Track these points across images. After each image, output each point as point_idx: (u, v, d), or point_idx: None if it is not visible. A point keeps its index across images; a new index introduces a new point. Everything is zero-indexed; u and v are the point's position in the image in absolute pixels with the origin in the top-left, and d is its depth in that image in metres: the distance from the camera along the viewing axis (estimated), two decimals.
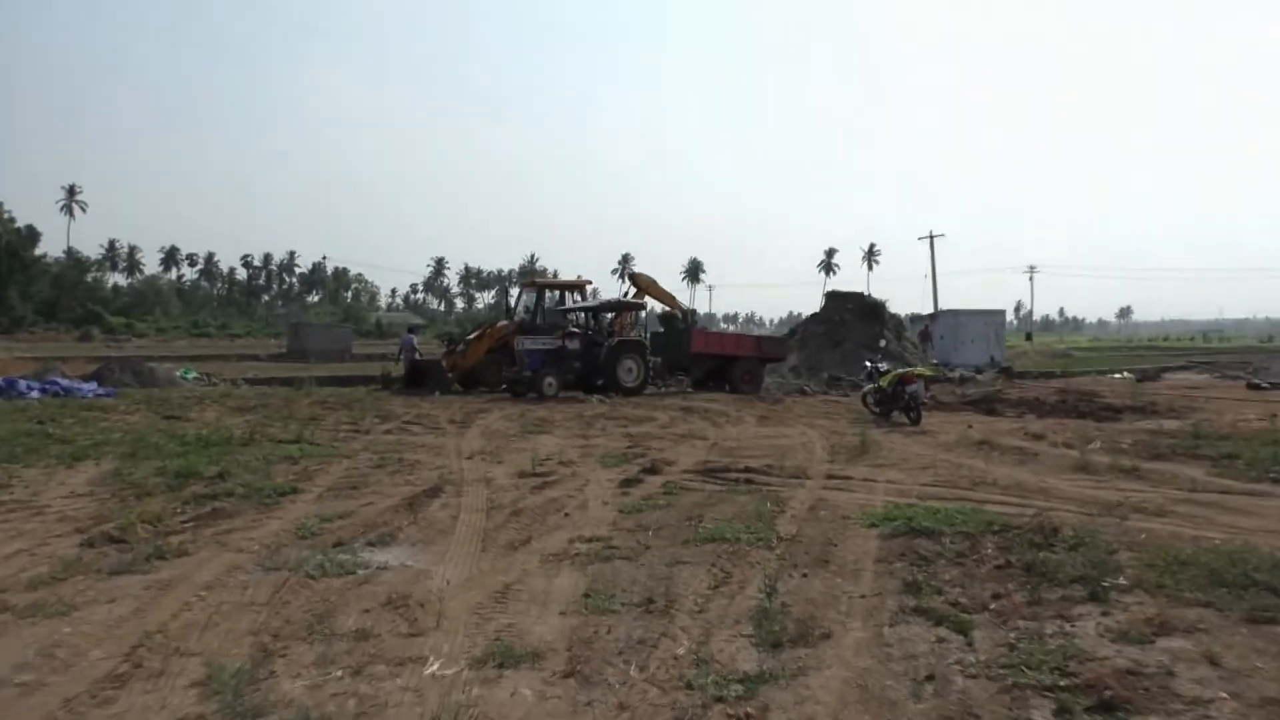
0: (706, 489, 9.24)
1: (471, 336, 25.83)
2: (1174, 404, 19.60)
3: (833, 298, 33.36)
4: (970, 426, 15.29)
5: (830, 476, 9.93)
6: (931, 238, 57.80)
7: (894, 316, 33.57)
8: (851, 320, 31.83)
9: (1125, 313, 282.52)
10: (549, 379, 22.33)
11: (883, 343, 27.63)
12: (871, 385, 17.32)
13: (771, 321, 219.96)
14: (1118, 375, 32.47)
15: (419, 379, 25.15)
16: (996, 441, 12.70)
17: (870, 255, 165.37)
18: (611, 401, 21.00)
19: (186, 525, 7.60)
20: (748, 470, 10.29)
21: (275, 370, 41.01)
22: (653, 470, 10.47)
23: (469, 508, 8.40)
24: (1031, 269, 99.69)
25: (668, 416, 17.27)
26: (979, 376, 31.28)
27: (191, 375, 31.79)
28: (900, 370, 16.66)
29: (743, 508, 8.15)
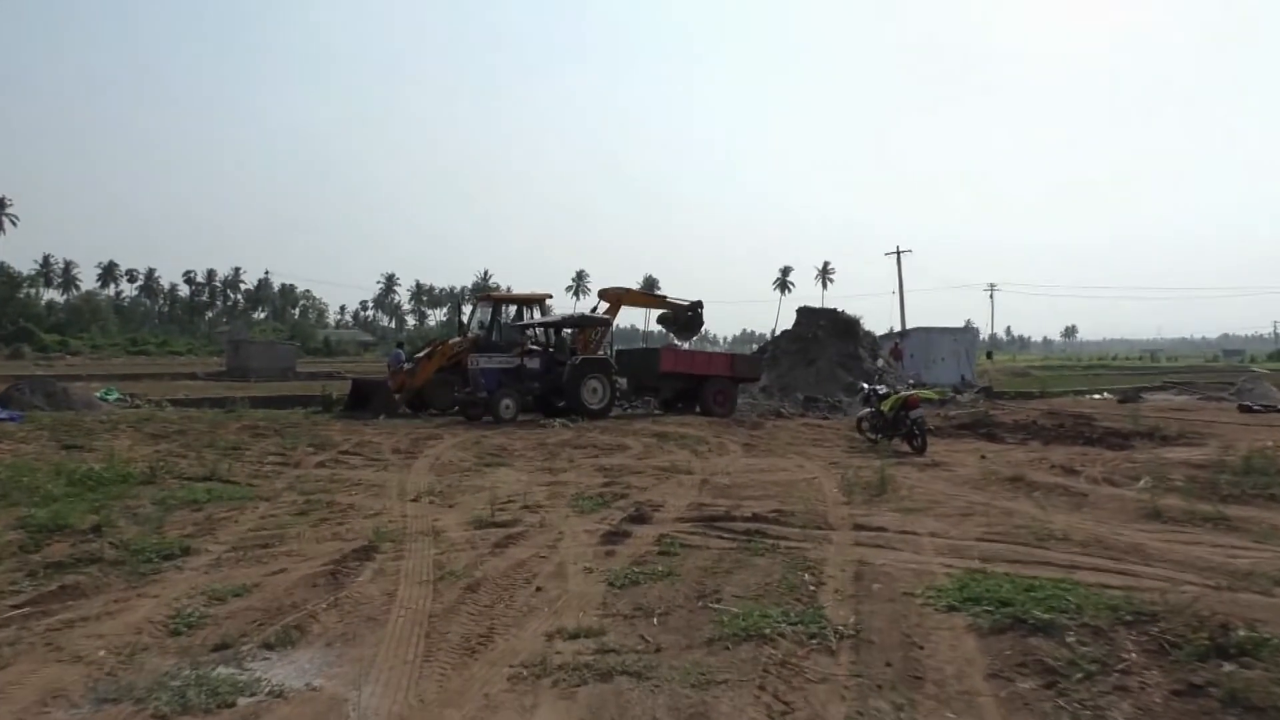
0: (712, 546, 7.37)
1: (421, 354, 23.74)
2: (1180, 429, 18.14)
3: (804, 314, 31.73)
4: (984, 457, 13.63)
5: (858, 527, 8.11)
6: (899, 253, 56.77)
7: (868, 334, 32.04)
8: (825, 338, 30.22)
9: (1070, 332, 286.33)
10: (506, 401, 20.36)
11: (880, 363, 25.99)
12: (868, 410, 15.62)
13: (726, 339, 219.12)
14: (1097, 396, 31.26)
15: (363, 401, 23.04)
16: (1029, 477, 11.00)
17: (825, 273, 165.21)
18: (576, 426, 19.08)
19: (18, 612, 5.56)
20: (755, 518, 8.44)
21: (210, 390, 38.48)
22: (639, 518, 8.59)
23: (411, 577, 6.45)
24: (991, 287, 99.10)
25: (641, 444, 15.39)
26: (959, 397, 29.84)
27: (113, 396, 29.32)
28: (903, 393, 14.99)
29: (767, 576, 6.30)
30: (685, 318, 25.26)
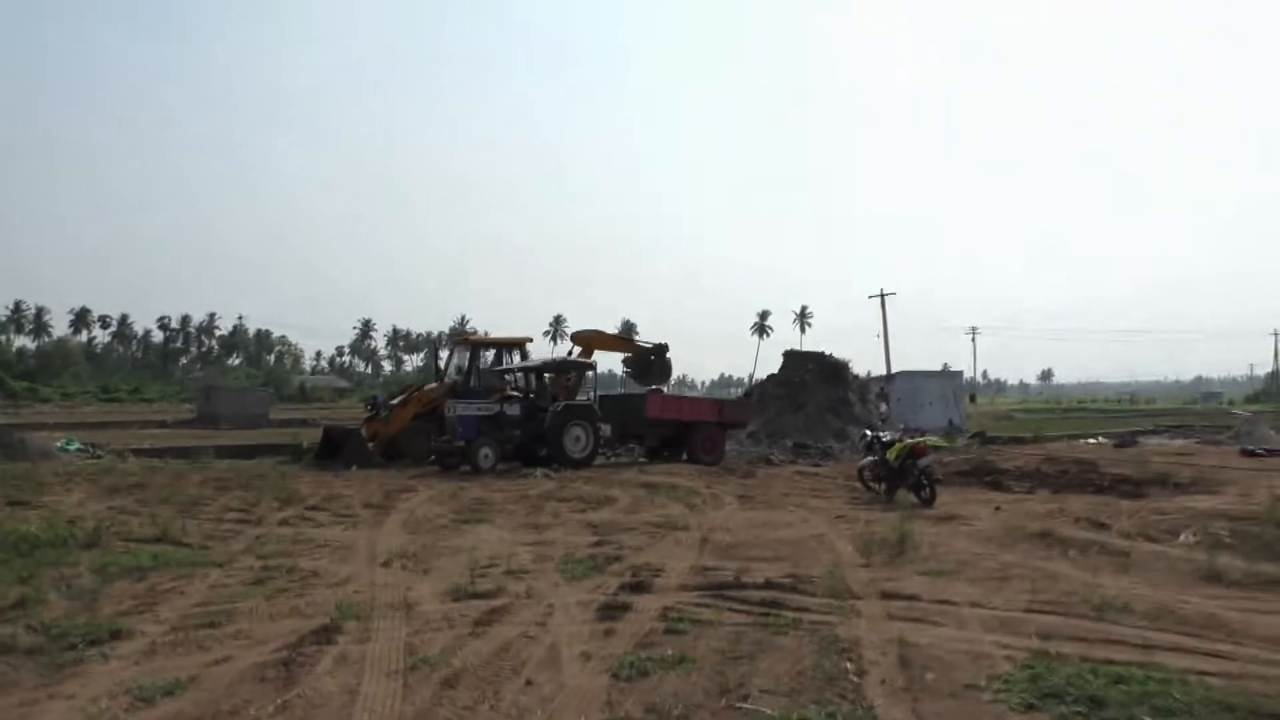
0: (725, 621, 6.44)
1: (395, 401, 22.72)
2: (1192, 476, 17.36)
3: (792, 358, 30.98)
4: (999, 509, 12.76)
5: (886, 595, 7.20)
6: (883, 296, 56.21)
7: (857, 378, 31.31)
8: (813, 382, 29.44)
9: (1047, 375, 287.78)
10: (485, 449, 19.35)
11: (884, 408, 25.13)
12: (871, 458, 14.76)
13: (703, 384, 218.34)
14: (1092, 441, 30.57)
15: (334, 449, 21.94)
16: (1057, 532, 10.14)
17: (803, 317, 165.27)
18: (559, 475, 18.09)
19: None
20: (769, 585, 7.52)
21: (179, 439, 37.14)
22: (638, 585, 7.65)
23: (377, 666, 5.47)
24: (973, 330, 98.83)
25: (630, 497, 14.43)
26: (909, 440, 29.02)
27: (74, 446, 28.00)
28: (910, 441, 14.15)
29: (798, 662, 5.37)
30: (650, 361, 24.07)
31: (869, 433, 15.09)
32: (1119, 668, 4.94)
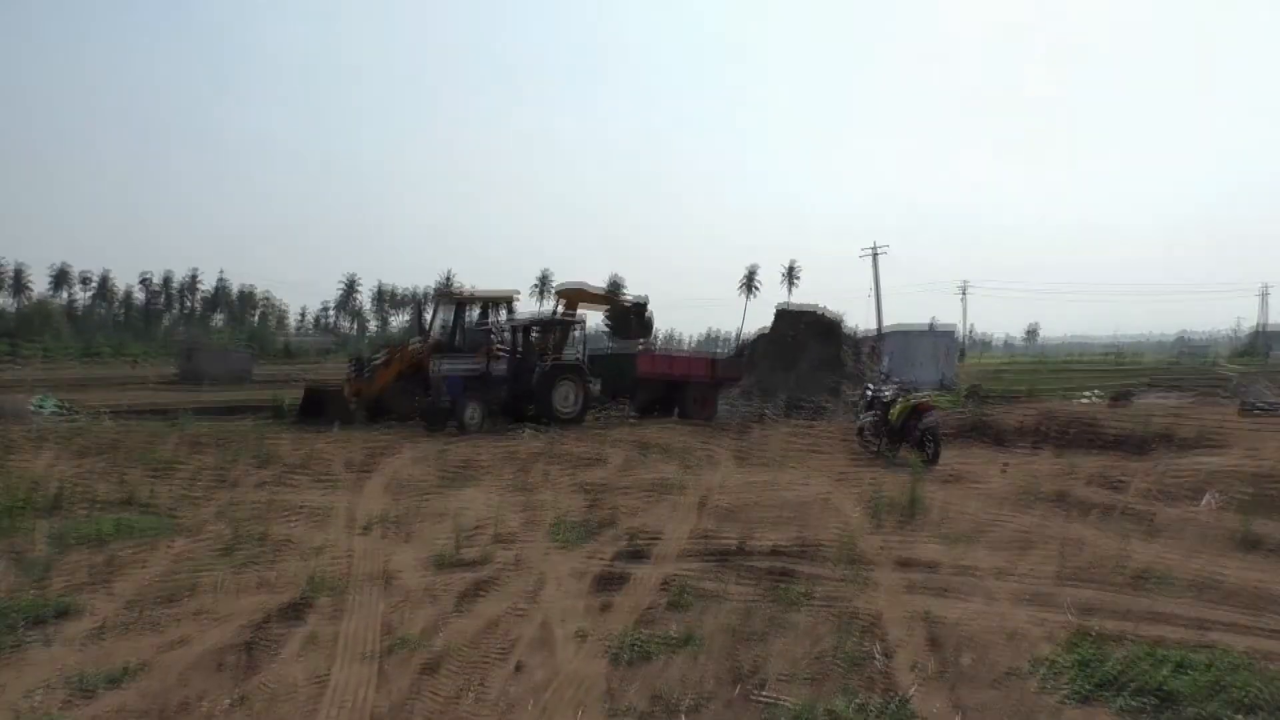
0: (732, 593, 5.92)
1: (379, 359, 22.05)
2: (1196, 433, 16.96)
3: (784, 315, 30.41)
4: (1006, 468, 12.29)
5: (902, 563, 6.69)
6: (875, 252, 55.53)
7: (849, 335, 30.79)
8: (806, 339, 28.92)
9: (1032, 332, 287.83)
10: (471, 408, 18.78)
11: (886, 363, 24.44)
12: (871, 415, 14.25)
13: (691, 339, 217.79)
14: (1086, 397, 30.21)
15: (316, 409, 21.31)
16: (1073, 494, 9.66)
17: (790, 275, 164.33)
18: (547, 434, 17.55)
19: None
20: (776, 552, 7.00)
21: (159, 398, 36.38)
22: (636, 553, 7.13)
23: (350, 649, 4.94)
24: (964, 285, 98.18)
25: (622, 456, 13.90)
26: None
27: (49, 406, 27.31)
28: (914, 398, 13.62)
29: (816, 641, 4.87)
30: (630, 317, 23.44)
31: (870, 389, 14.55)
32: (1175, 650, 4.44)
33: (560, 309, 23.20)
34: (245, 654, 4.90)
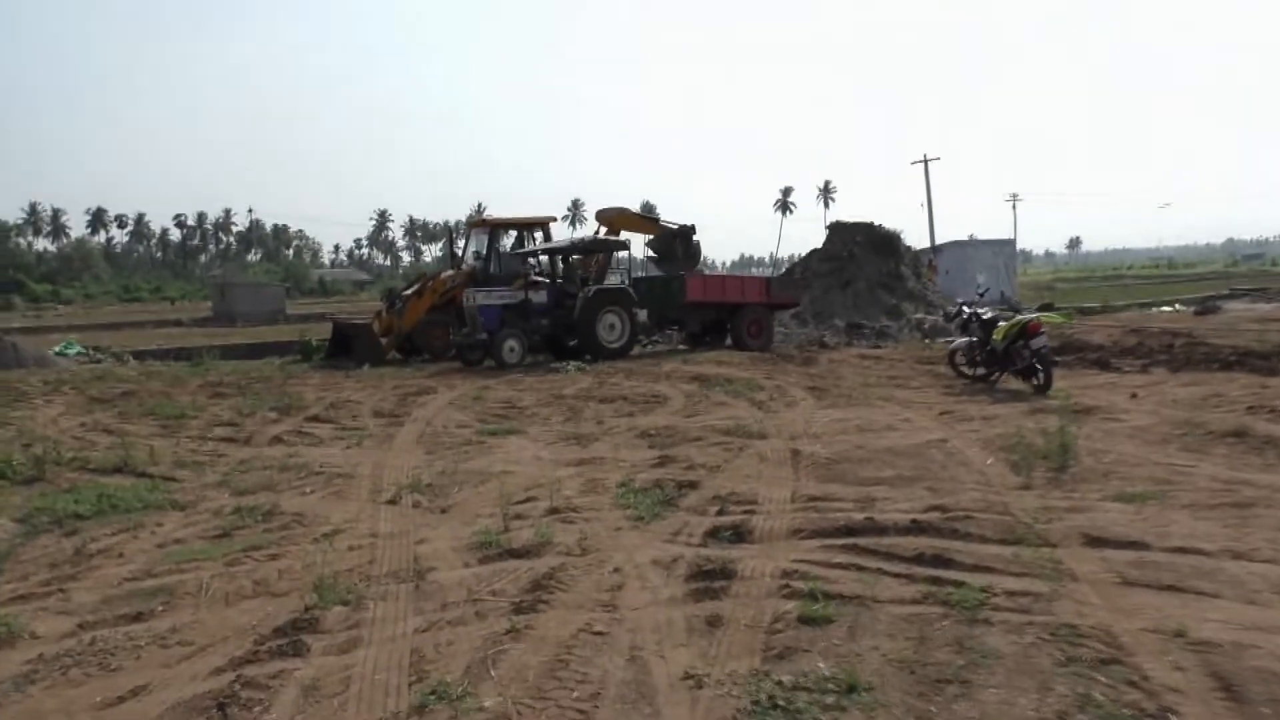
0: (881, 597, 4.36)
1: (409, 291, 20.54)
2: None
3: (837, 230, 28.37)
4: (1135, 395, 10.57)
5: (1092, 540, 5.08)
6: (926, 161, 52.60)
7: (909, 249, 28.75)
8: (862, 255, 26.96)
9: (1075, 243, 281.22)
10: (510, 342, 17.25)
11: (982, 279, 22.44)
12: (966, 339, 12.53)
13: (724, 264, 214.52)
14: (1168, 308, 28.14)
15: (345, 347, 19.94)
16: (1254, 429, 7.93)
17: (826, 192, 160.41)
18: (593, 369, 16.03)
19: None
20: (917, 527, 5.41)
21: (191, 338, 35.42)
22: (733, 530, 5.58)
23: (365, 708, 3.45)
24: (1014, 196, 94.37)
25: (682, 394, 12.33)
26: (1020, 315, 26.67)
27: (74, 350, 26.25)
28: (1023, 317, 11.89)
29: (1045, 690, 3.31)
30: (676, 244, 21.49)
31: (965, 309, 12.77)
32: None
33: (602, 234, 21.49)
34: (218, 718, 3.43)
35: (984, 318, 12.11)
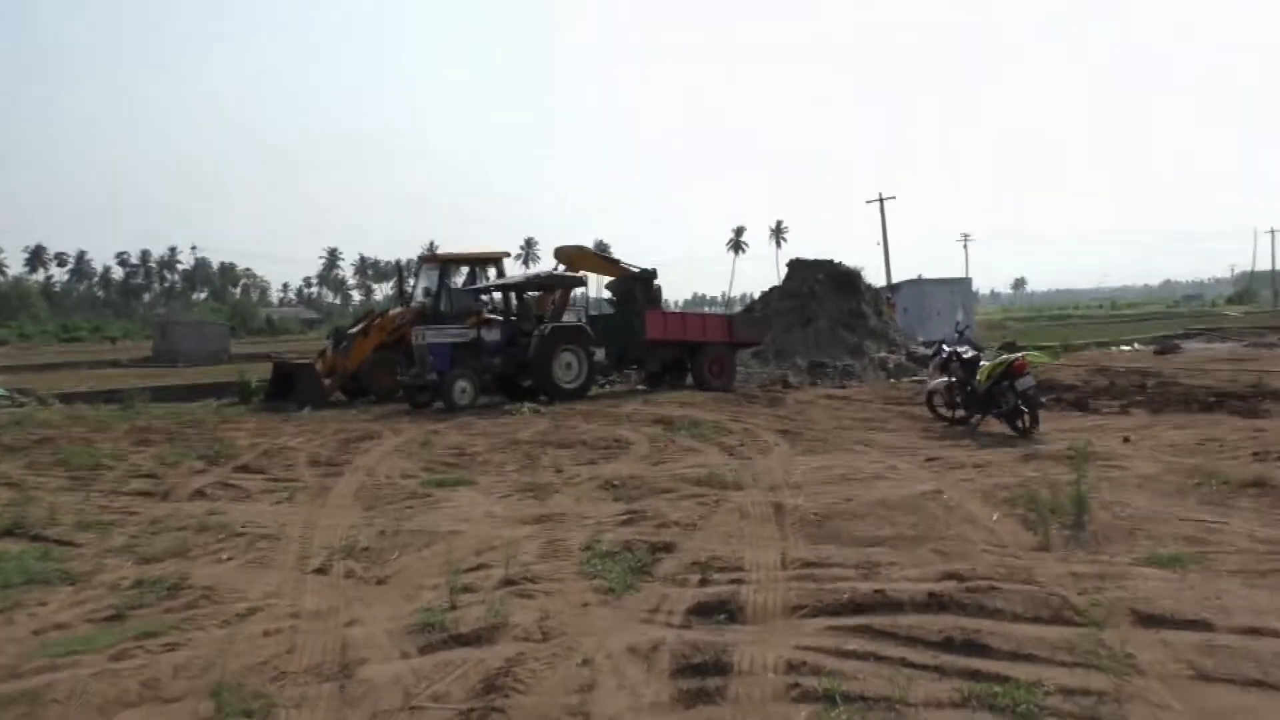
0: (910, 698, 3.57)
1: (355, 330, 19.55)
2: None
3: (798, 267, 27.83)
4: (1128, 439, 9.98)
5: (1143, 619, 4.34)
6: (881, 200, 52.78)
7: (869, 287, 28.30)
8: (823, 293, 26.40)
9: (1020, 283, 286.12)
10: (461, 383, 16.33)
11: (960, 317, 21.86)
12: (944, 379, 11.91)
13: (677, 303, 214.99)
14: (1127, 348, 28.00)
15: (287, 388, 18.86)
16: (1269, 478, 7.31)
17: (778, 232, 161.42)
18: (549, 411, 15.18)
19: None
20: (934, 601, 4.64)
21: (129, 378, 33.81)
22: (720, 607, 4.76)
23: None
24: (965, 237, 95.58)
25: (645, 439, 11.52)
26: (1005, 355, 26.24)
27: None
28: (1008, 356, 11.31)
29: None
30: (637, 288, 20.00)
31: (945, 348, 12.17)
32: None
33: (559, 271, 20.67)
34: None
35: (965, 357, 11.51)
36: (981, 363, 11.15)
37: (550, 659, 4.20)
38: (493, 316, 18.28)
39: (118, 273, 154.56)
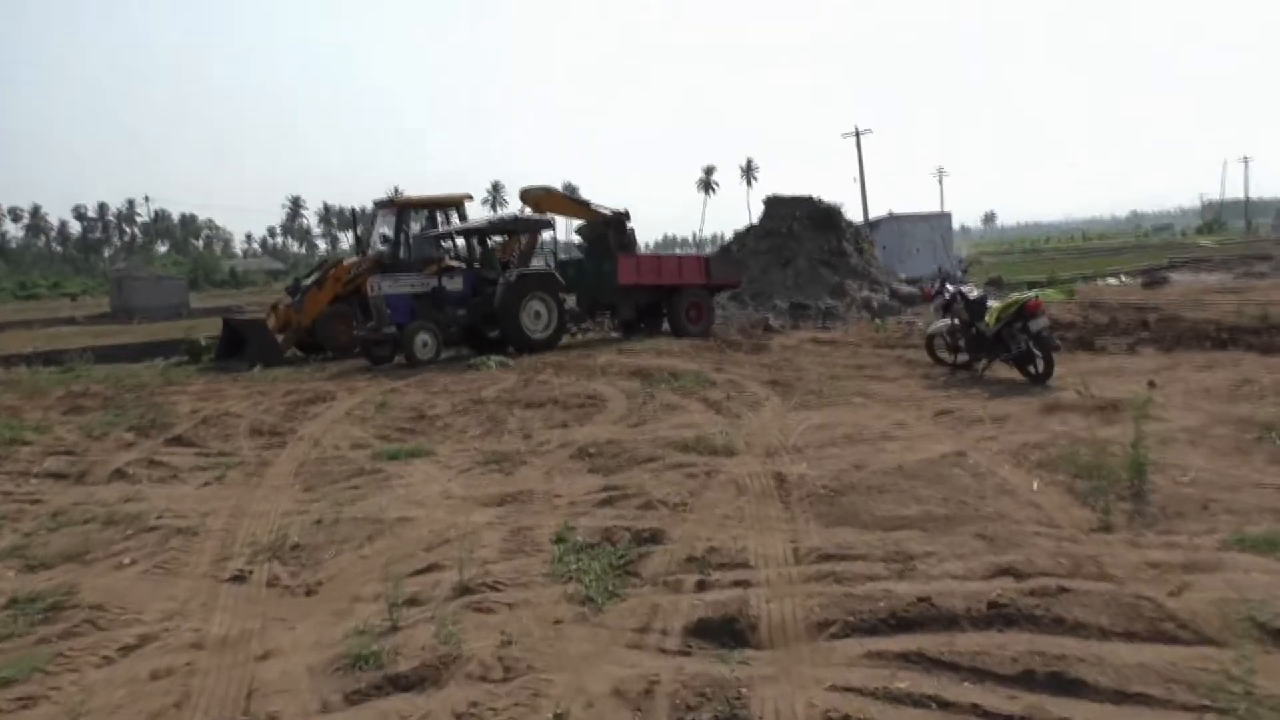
0: None
1: (308, 281, 18.30)
2: None
3: (775, 204, 26.70)
4: (1154, 384, 9.10)
5: (1271, 631, 3.42)
6: (858, 134, 51.33)
7: (850, 224, 27.25)
8: (801, 231, 25.37)
9: (990, 217, 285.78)
10: (422, 336, 15.20)
11: (962, 255, 20.93)
12: (946, 321, 10.95)
13: (648, 245, 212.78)
14: (1114, 280, 27.25)
15: (237, 347, 17.67)
16: None
17: (749, 171, 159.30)
18: (517, 364, 14.13)
19: None
20: (997, 611, 3.69)
21: (82, 337, 32.29)
22: (725, 626, 3.80)
23: None
24: (940, 171, 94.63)
25: (622, 395, 10.52)
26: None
27: None
28: (1021, 296, 10.35)
29: None
30: (608, 231, 18.90)
31: (949, 288, 11.16)
32: None
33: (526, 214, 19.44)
34: None
35: (970, 297, 10.53)
36: (989, 303, 10.18)
37: (512, 711, 3.22)
38: (455, 264, 17.11)
39: (75, 228, 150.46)
